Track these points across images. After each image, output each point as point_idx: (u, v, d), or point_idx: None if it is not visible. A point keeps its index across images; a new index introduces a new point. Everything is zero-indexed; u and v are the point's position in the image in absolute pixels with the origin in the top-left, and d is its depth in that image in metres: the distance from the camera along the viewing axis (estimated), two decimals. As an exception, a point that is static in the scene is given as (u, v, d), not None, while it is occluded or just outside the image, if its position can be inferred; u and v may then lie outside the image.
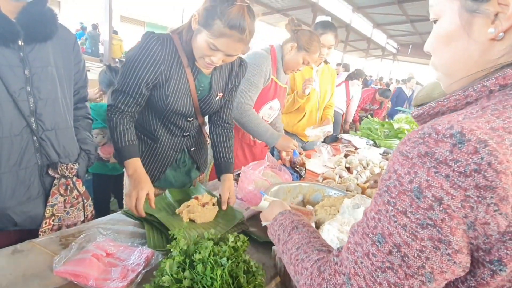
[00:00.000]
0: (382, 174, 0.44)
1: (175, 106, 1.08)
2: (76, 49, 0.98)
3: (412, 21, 13.21)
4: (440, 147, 0.37)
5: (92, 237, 0.84)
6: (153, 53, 0.99)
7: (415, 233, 0.38)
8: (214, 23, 0.92)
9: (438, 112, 0.47)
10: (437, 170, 0.37)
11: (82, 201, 0.99)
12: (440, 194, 0.36)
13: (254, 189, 1.20)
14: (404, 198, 0.39)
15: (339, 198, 1.16)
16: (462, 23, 0.45)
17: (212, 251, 0.72)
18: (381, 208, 0.41)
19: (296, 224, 0.62)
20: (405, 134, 2.66)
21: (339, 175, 1.64)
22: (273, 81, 1.58)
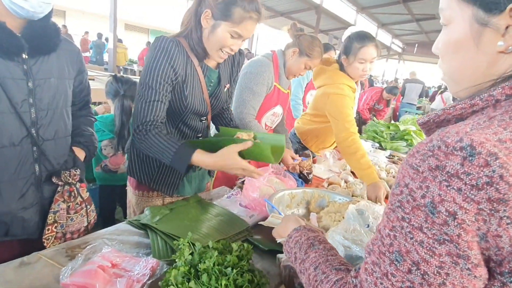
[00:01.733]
0: (393, 187, 0.43)
1: (193, 106, 1.12)
2: (79, 60, 1.03)
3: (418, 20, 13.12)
4: (450, 160, 0.37)
5: (98, 248, 0.85)
6: (171, 54, 1.02)
7: (433, 249, 0.37)
8: (234, 12, 1.00)
9: (444, 120, 0.47)
10: (449, 183, 0.37)
11: (85, 207, 1.02)
12: (454, 209, 0.36)
13: (259, 196, 1.20)
14: (419, 214, 0.38)
15: (344, 204, 1.16)
16: (472, 33, 0.45)
17: (217, 261, 0.72)
18: (395, 225, 0.41)
19: (313, 241, 0.61)
20: (412, 136, 2.63)
21: (344, 180, 1.63)
22: (276, 87, 1.59)
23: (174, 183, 1.22)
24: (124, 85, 1.80)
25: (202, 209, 1.15)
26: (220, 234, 0.99)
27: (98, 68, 7.10)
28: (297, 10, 10.82)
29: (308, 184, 1.62)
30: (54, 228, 0.93)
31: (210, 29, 1.04)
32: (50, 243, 0.93)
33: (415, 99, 6.88)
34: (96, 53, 9.17)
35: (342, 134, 1.58)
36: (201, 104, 1.15)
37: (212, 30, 1.04)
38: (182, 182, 1.25)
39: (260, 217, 1.15)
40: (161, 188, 1.21)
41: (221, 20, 1.01)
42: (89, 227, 1.04)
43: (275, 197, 1.13)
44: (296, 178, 1.55)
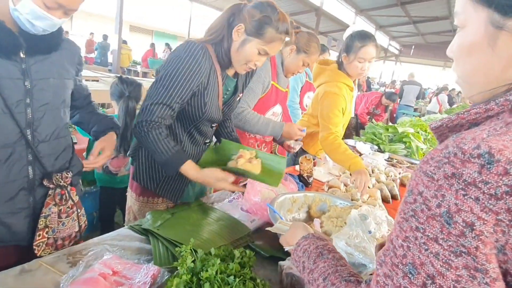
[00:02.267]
0: (405, 195, 0.42)
1: (210, 113, 1.12)
2: (80, 61, 1.03)
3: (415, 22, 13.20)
4: (467, 168, 0.36)
5: (99, 254, 0.84)
6: (199, 62, 1.02)
7: (449, 262, 0.36)
8: (267, 31, 1.04)
9: (457, 125, 0.45)
10: (466, 192, 0.35)
11: (77, 210, 0.99)
12: (471, 219, 0.35)
13: (260, 200, 1.20)
14: (434, 224, 0.37)
15: (345, 209, 1.15)
16: (487, 36, 0.44)
17: (219, 269, 0.71)
18: (409, 235, 0.39)
19: (321, 250, 0.59)
20: (410, 138, 2.63)
21: (344, 184, 1.62)
22: (274, 86, 1.58)
23: (180, 189, 1.21)
24: (129, 87, 1.79)
25: (203, 213, 1.14)
26: (221, 239, 0.99)
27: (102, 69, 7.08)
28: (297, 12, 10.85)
29: (309, 187, 1.62)
30: (45, 233, 0.91)
31: (240, 43, 1.06)
32: (41, 250, 0.90)
33: (412, 101, 6.94)
34: (101, 55, 9.16)
35: (324, 134, 1.67)
36: (216, 112, 1.16)
37: (242, 45, 1.06)
38: (187, 189, 1.25)
39: (261, 222, 1.15)
40: (166, 194, 1.21)
41: (253, 37, 1.04)
42: (80, 232, 1.01)
43: (276, 201, 1.13)
44: (297, 182, 1.55)
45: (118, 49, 6.94)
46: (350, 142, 2.68)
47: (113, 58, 7.42)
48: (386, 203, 1.57)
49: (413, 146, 2.54)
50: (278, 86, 1.62)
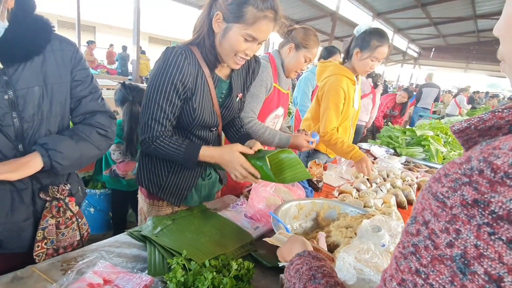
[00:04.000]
0: (407, 222, 0.32)
1: (202, 118, 1.08)
2: (76, 59, 0.90)
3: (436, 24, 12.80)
4: (499, 194, 0.25)
5: (93, 262, 0.81)
6: (180, 68, 0.97)
7: None
8: (247, 11, 0.93)
9: (492, 127, 0.33)
10: (493, 230, 0.25)
11: (77, 220, 0.97)
12: (499, 271, 0.24)
13: (265, 207, 1.14)
14: (442, 269, 0.27)
15: (356, 218, 1.07)
16: None
17: (212, 284, 0.66)
18: (406, 278, 0.30)
19: (314, 273, 0.52)
20: (429, 141, 2.49)
21: (356, 189, 1.54)
22: (276, 88, 1.54)
23: (182, 194, 1.18)
24: (132, 92, 1.81)
25: (205, 220, 1.10)
26: (221, 248, 0.93)
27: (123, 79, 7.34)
28: (313, 18, 10.78)
29: (318, 192, 1.55)
30: (44, 244, 0.89)
31: (222, 33, 0.98)
32: (42, 259, 0.89)
33: (430, 104, 6.66)
34: (121, 65, 9.47)
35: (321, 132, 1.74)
36: (210, 116, 1.10)
37: (224, 34, 0.98)
38: (190, 193, 1.21)
39: (265, 229, 1.09)
40: (169, 198, 1.18)
41: (233, 23, 0.95)
42: (83, 240, 1.00)
43: (281, 209, 1.07)
44: (306, 187, 1.48)
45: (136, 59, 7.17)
46: (364, 145, 2.58)
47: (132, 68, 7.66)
48: (402, 209, 1.48)
49: (432, 150, 2.41)
50: (280, 88, 1.57)
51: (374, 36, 1.61)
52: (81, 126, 0.92)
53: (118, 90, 1.83)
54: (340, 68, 1.76)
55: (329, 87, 1.72)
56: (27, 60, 0.80)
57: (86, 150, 0.91)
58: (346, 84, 1.71)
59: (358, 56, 1.68)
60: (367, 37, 1.62)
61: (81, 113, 0.94)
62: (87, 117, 0.95)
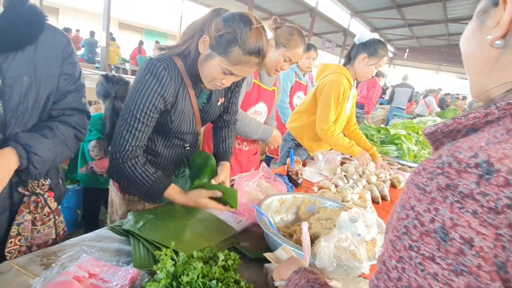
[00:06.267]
0: (398, 211, 0.38)
1: (179, 128, 1.07)
2: (67, 52, 0.88)
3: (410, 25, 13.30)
4: (464, 179, 0.33)
5: (75, 256, 0.80)
6: (163, 82, 0.94)
7: (450, 283, 0.32)
8: (232, 51, 0.90)
9: (453, 130, 0.42)
10: (462, 205, 0.32)
11: (54, 218, 0.94)
12: (470, 235, 0.32)
13: (248, 201, 1.17)
14: (429, 241, 0.34)
15: (335, 211, 1.13)
16: (476, 25, 0.44)
17: (201, 273, 0.68)
18: (403, 255, 0.36)
19: (313, 284, 0.57)
20: (402, 140, 2.64)
21: (335, 185, 1.61)
22: (256, 84, 1.54)
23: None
24: (115, 85, 1.73)
25: (188, 214, 1.11)
26: (206, 241, 0.95)
27: (89, 66, 6.94)
28: (292, 13, 10.83)
29: (298, 188, 1.60)
30: (17, 241, 0.86)
31: (204, 57, 0.96)
32: (13, 257, 0.85)
33: (404, 104, 6.98)
34: (88, 52, 8.98)
35: (322, 126, 1.83)
36: (189, 125, 1.10)
37: (206, 59, 0.95)
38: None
39: (248, 223, 1.12)
40: (140, 195, 1.17)
41: (218, 54, 0.92)
42: (57, 239, 0.96)
43: (264, 203, 1.10)
44: (286, 182, 1.53)
45: (106, 46, 6.77)
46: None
47: (100, 55, 7.22)
48: (376, 204, 1.56)
49: (404, 148, 2.54)
50: (261, 84, 1.57)
51: (381, 46, 1.76)
52: (61, 126, 0.89)
53: (100, 84, 1.75)
54: (342, 68, 1.84)
55: (330, 83, 1.79)
56: (19, 49, 0.77)
57: (61, 153, 0.89)
58: (345, 84, 1.79)
59: (365, 61, 1.77)
60: (377, 46, 1.76)
61: (62, 108, 0.91)
62: (66, 113, 0.92)
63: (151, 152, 1.14)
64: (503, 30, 0.40)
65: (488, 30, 0.42)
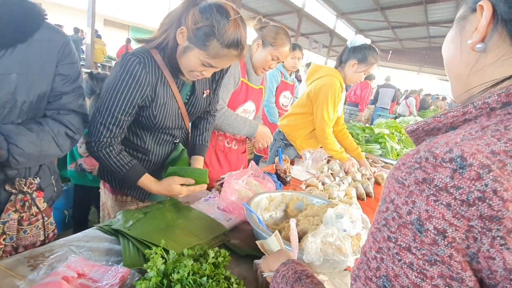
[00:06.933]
0: (379, 204, 0.40)
1: (164, 123, 1.06)
2: (65, 52, 0.87)
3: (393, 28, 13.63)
4: (439, 173, 0.34)
5: (63, 257, 0.79)
6: (137, 78, 0.93)
7: (424, 272, 0.34)
8: (211, 44, 0.89)
9: (434, 128, 0.44)
10: (437, 198, 0.33)
11: (42, 218, 0.92)
12: (443, 226, 0.33)
13: (237, 199, 1.18)
14: (406, 232, 0.35)
15: (322, 207, 1.16)
16: (457, 31, 0.46)
17: (192, 270, 0.69)
18: (382, 246, 0.37)
19: (300, 275, 0.58)
20: (385, 139, 2.72)
21: (322, 182, 1.64)
22: (244, 83, 1.55)
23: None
24: (100, 83, 1.71)
25: (178, 212, 1.11)
26: (196, 239, 0.96)
27: None
28: (279, 13, 10.90)
29: (287, 186, 1.63)
30: (2, 240, 0.84)
31: (183, 48, 0.94)
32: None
33: (388, 103, 7.16)
34: (72, 49, 8.72)
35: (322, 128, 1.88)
36: (175, 120, 1.09)
37: (184, 51, 0.94)
38: None
39: (237, 221, 1.14)
40: (133, 193, 1.17)
41: (196, 47, 0.91)
42: (46, 241, 0.95)
43: (253, 200, 1.12)
44: (275, 180, 1.55)
45: (91, 44, 6.60)
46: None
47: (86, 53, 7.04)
48: (361, 200, 1.61)
49: (387, 147, 2.62)
50: (248, 83, 1.57)
51: (372, 53, 1.78)
52: (51, 122, 0.88)
53: (85, 81, 1.73)
54: (334, 71, 1.87)
55: (326, 86, 1.81)
56: (9, 47, 0.76)
57: (48, 149, 0.86)
58: (338, 87, 1.83)
59: (355, 67, 1.81)
60: (367, 53, 1.77)
61: (56, 108, 0.90)
62: (60, 113, 0.90)
63: (141, 150, 1.14)
64: (482, 34, 0.42)
65: (468, 35, 0.44)
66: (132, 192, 1.18)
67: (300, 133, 2.06)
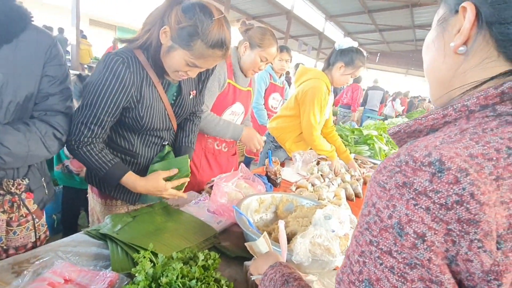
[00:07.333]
0: (362, 208, 0.40)
1: (152, 124, 1.05)
2: (52, 53, 0.86)
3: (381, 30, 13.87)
4: (418, 177, 0.34)
5: (49, 262, 0.78)
6: (121, 79, 0.91)
7: (405, 275, 0.34)
8: (195, 44, 0.88)
9: (415, 130, 0.44)
10: (416, 202, 0.33)
11: (33, 220, 0.91)
12: (422, 230, 0.33)
13: (227, 202, 1.18)
14: (387, 236, 0.35)
15: (311, 209, 1.17)
16: (438, 33, 0.46)
17: (181, 273, 0.69)
18: (364, 249, 0.37)
19: (287, 278, 0.58)
20: (373, 140, 2.76)
21: (312, 184, 1.66)
22: (231, 85, 1.54)
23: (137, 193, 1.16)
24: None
25: (167, 216, 1.10)
26: (186, 242, 0.96)
27: None
28: (269, 15, 10.95)
29: (277, 187, 1.64)
30: None
31: (166, 48, 0.93)
32: None
33: (376, 105, 7.28)
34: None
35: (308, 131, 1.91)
36: (162, 121, 1.09)
37: (168, 51, 0.93)
38: None
39: (228, 223, 1.14)
40: (123, 197, 1.15)
41: (180, 47, 0.90)
42: (38, 243, 0.93)
43: (243, 203, 1.12)
44: (265, 182, 1.56)
45: (76, 44, 6.42)
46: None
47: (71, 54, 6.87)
48: (350, 201, 1.63)
49: (376, 148, 2.67)
50: (236, 85, 1.57)
51: (358, 56, 1.79)
52: (38, 123, 0.87)
53: (74, 83, 1.70)
54: (321, 74, 1.89)
55: (312, 89, 1.83)
56: None
57: (35, 150, 0.85)
58: (324, 90, 1.85)
59: (341, 70, 1.83)
60: (354, 56, 1.79)
61: (43, 109, 0.88)
62: (48, 114, 0.89)
63: (129, 153, 1.12)
64: (465, 37, 0.41)
65: (450, 37, 0.43)
66: (121, 196, 1.16)
67: (289, 136, 2.08)
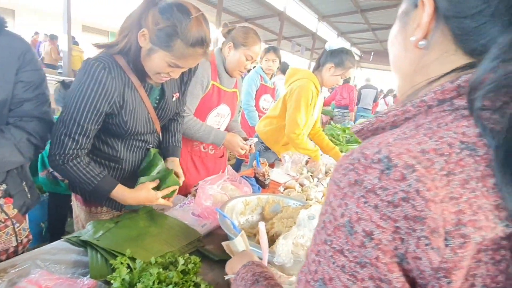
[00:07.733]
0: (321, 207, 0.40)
1: (135, 129, 1.04)
2: (25, 59, 0.85)
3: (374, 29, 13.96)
4: (369, 174, 0.33)
5: (26, 271, 0.76)
6: (103, 84, 0.90)
7: (355, 274, 0.34)
8: (175, 44, 0.88)
9: (378, 128, 0.43)
10: (366, 200, 0.33)
11: (13, 225, 0.90)
12: (370, 228, 0.33)
13: (212, 205, 1.18)
14: (340, 235, 0.35)
15: (297, 209, 1.17)
16: (400, 27, 0.46)
17: (158, 278, 0.68)
18: (320, 248, 0.37)
19: (257, 277, 0.58)
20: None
21: (300, 184, 1.66)
22: (215, 86, 1.53)
23: None
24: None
25: (151, 220, 1.09)
26: (169, 246, 0.95)
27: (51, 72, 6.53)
28: (261, 16, 10.97)
29: (265, 189, 1.63)
30: None
31: (146, 51, 0.92)
32: None
33: (370, 104, 7.31)
34: (50, 56, 8.47)
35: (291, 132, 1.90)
36: (146, 125, 1.08)
37: (148, 54, 0.92)
38: None
39: (213, 226, 1.13)
40: (108, 203, 1.14)
41: (160, 48, 0.89)
42: (20, 247, 0.92)
43: (227, 205, 1.11)
44: (253, 184, 1.55)
45: (68, 51, 6.39)
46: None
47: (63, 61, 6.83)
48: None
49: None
50: (220, 86, 1.55)
51: (348, 57, 1.80)
52: (13, 129, 0.85)
53: (57, 90, 1.70)
54: (310, 74, 1.89)
55: (299, 88, 1.83)
56: None
57: (9, 156, 0.84)
58: (312, 91, 1.84)
59: (331, 71, 1.82)
60: (344, 57, 1.79)
61: (18, 115, 0.87)
62: (23, 120, 0.88)
63: (114, 159, 1.11)
64: (424, 31, 0.41)
65: (411, 31, 0.43)
66: (106, 202, 1.15)
67: (276, 138, 2.07)
